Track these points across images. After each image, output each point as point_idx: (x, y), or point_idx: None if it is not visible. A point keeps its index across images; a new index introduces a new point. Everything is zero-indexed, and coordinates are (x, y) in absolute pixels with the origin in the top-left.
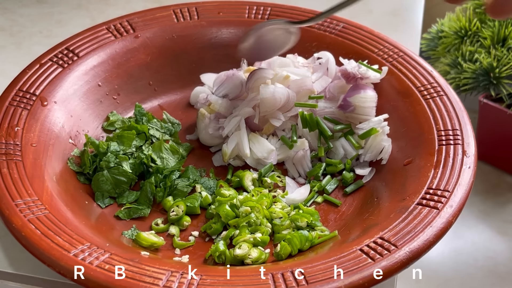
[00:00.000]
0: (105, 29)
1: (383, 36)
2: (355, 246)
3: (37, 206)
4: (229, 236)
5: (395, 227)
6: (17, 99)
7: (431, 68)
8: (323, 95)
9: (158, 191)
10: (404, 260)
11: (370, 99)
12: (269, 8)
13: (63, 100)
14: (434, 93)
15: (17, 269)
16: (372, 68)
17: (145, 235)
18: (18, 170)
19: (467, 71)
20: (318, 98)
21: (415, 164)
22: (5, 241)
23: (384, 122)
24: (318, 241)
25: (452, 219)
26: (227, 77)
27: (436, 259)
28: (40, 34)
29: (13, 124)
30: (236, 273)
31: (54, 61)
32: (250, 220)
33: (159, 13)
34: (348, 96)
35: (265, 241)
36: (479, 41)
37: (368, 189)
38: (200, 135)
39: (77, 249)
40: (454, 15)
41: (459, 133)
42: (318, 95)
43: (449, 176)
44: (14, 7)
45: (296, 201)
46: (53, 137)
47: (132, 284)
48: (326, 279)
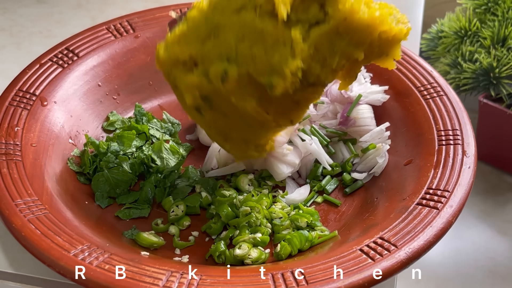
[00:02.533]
0: (105, 29)
1: None
2: (355, 246)
3: (37, 206)
4: (229, 236)
5: (395, 227)
6: (17, 99)
7: (431, 68)
8: (324, 99)
9: (158, 191)
10: (404, 260)
11: (366, 110)
12: None
13: (63, 100)
14: (434, 93)
15: (17, 269)
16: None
17: (145, 235)
18: (18, 170)
19: (467, 71)
20: (320, 103)
21: (415, 164)
22: (5, 241)
23: (386, 133)
24: (318, 241)
25: (452, 219)
26: None
27: (436, 259)
28: (40, 34)
29: (13, 124)
30: (236, 273)
31: (54, 61)
32: (250, 220)
33: (159, 13)
34: (345, 111)
35: (265, 241)
36: (479, 41)
37: (368, 189)
38: (200, 135)
39: (77, 249)
40: (454, 15)
41: (459, 133)
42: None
43: (449, 176)
44: (14, 7)
45: (296, 201)
46: (53, 137)
47: (132, 284)
48: (326, 279)
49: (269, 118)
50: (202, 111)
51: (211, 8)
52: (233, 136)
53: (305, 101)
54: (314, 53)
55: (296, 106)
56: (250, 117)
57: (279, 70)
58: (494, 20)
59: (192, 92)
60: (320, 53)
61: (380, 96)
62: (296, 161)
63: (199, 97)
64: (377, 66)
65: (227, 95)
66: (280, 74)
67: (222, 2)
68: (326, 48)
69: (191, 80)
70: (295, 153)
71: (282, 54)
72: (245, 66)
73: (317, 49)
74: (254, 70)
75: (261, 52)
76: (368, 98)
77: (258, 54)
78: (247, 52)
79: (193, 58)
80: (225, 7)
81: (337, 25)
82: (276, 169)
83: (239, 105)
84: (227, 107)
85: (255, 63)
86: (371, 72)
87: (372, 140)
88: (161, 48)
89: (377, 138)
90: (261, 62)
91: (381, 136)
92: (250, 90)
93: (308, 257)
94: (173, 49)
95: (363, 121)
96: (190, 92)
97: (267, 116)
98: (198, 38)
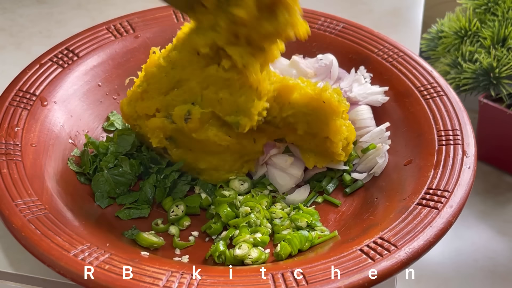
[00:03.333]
0: (105, 29)
1: (383, 36)
2: (355, 246)
3: (37, 206)
4: (229, 236)
5: (395, 227)
6: (17, 99)
7: (431, 68)
8: None
9: (158, 191)
10: (404, 260)
11: (365, 111)
12: None
13: (63, 100)
14: (434, 93)
15: (17, 269)
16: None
17: (145, 235)
18: (18, 170)
19: (467, 71)
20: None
21: (415, 164)
22: (5, 241)
23: (386, 133)
24: (318, 241)
25: (452, 219)
26: None
27: (436, 259)
28: (40, 34)
29: (13, 124)
30: (236, 273)
31: (54, 61)
32: (250, 220)
33: (159, 13)
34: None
35: (265, 241)
36: (479, 41)
37: (368, 189)
38: None
39: (77, 249)
40: (454, 15)
41: (459, 133)
42: None
43: (449, 176)
44: (14, 7)
45: (296, 201)
46: (53, 137)
47: (132, 284)
48: (326, 279)
49: (232, 141)
50: (169, 151)
51: (170, 66)
52: (203, 168)
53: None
54: (277, 95)
55: (257, 129)
56: (214, 145)
57: (246, 110)
58: (494, 20)
59: (156, 135)
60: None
61: (379, 97)
62: (298, 173)
63: (163, 138)
64: (377, 66)
65: (189, 133)
66: (247, 114)
67: (183, 61)
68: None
69: (155, 123)
70: (297, 164)
71: (248, 96)
72: (210, 108)
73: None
74: (220, 110)
75: (227, 95)
76: (368, 99)
77: (224, 97)
78: (213, 96)
79: (157, 109)
80: (186, 65)
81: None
82: (279, 181)
83: (201, 137)
84: (191, 143)
85: (221, 105)
86: (371, 72)
87: (372, 140)
88: (124, 105)
89: (377, 138)
90: (228, 103)
91: (381, 136)
92: (211, 122)
93: (308, 257)
94: (138, 106)
95: (363, 122)
96: (154, 135)
97: (230, 139)
98: (160, 92)
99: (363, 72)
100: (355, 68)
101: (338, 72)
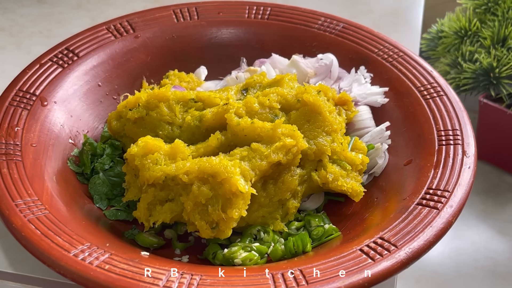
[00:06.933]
0: (105, 29)
1: (383, 36)
2: (355, 246)
3: (37, 206)
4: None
5: (395, 227)
6: (17, 99)
7: (431, 68)
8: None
9: None
10: (404, 260)
11: (365, 111)
12: (269, 8)
13: (63, 100)
14: (434, 93)
15: (17, 269)
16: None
17: (145, 235)
18: (18, 170)
19: (467, 71)
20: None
21: (415, 164)
22: (5, 241)
23: (386, 132)
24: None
25: (452, 219)
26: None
27: (436, 259)
28: (40, 34)
29: (13, 124)
30: (236, 273)
31: (54, 61)
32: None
33: (159, 13)
34: None
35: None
36: (479, 41)
37: (368, 189)
38: None
39: (77, 249)
40: (454, 15)
41: (459, 133)
42: None
43: (449, 176)
44: (14, 7)
45: (310, 208)
46: (53, 137)
47: (132, 284)
48: (326, 279)
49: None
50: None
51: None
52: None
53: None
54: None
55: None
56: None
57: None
58: (494, 20)
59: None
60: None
61: (379, 98)
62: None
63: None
64: (377, 66)
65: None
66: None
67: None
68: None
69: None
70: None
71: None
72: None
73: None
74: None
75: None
76: (367, 99)
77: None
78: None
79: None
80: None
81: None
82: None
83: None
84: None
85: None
86: (371, 72)
87: (372, 140)
88: (113, 119)
89: (377, 138)
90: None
91: (381, 136)
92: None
93: (308, 257)
94: (127, 128)
95: (362, 123)
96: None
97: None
98: (166, 138)
99: (363, 72)
100: (355, 68)
101: (338, 71)
